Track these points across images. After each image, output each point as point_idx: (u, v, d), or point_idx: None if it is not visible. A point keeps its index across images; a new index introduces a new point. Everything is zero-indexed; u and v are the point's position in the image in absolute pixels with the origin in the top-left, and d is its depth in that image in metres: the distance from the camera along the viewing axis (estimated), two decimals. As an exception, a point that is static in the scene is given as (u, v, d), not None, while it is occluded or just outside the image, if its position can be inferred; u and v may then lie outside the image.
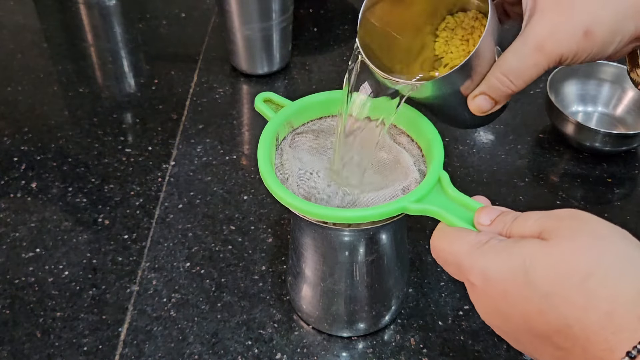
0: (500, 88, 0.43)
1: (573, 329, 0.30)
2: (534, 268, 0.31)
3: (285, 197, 0.41)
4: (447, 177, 0.41)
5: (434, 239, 0.38)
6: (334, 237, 0.47)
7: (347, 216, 0.40)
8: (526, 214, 0.35)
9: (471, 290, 0.35)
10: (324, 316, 0.52)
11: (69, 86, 0.82)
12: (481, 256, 0.34)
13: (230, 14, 0.77)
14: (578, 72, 0.75)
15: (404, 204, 0.40)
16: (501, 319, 0.34)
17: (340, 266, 0.48)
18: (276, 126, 0.46)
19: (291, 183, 0.44)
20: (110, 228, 0.63)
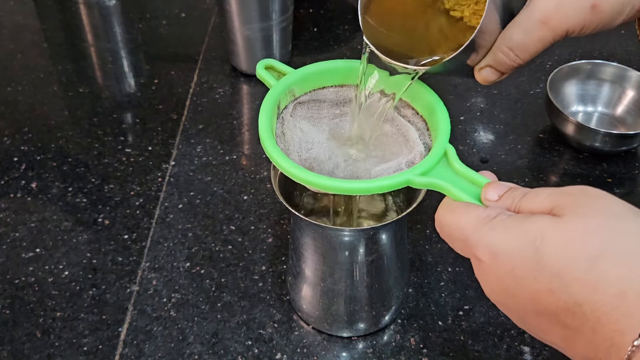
0: (506, 61, 0.42)
1: (583, 308, 0.29)
2: (545, 245, 0.30)
3: (287, 167, 0.39)
4: (453, 151, 0.40)
5: (439, 213, 0.36)
6: (334, 237, 0.47)
7: (350, 187, 0.38)
8: (536, 190, 0.34)
9: (477, 266, 0.34)
10: (324, 316, 0.52)
11: (69, 86, 0.82)
12: (489, 231, 0.33)
13: (230, 14, 0.77)
14: (578, 72, 0.75)
15: (409, 177, 0.38)
16: (507, 296, 0.33)
17: (340, 266, 0.48)
18: (278, 94, 0.44)
19: (292, 153, 0.43)
20: (110, 228, 0.63)
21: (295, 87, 0.46)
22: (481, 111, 0.78)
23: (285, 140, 0.44)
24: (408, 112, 0.46)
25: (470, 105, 0.78)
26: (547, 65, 0.84)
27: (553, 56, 0.86)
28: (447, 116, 0.42)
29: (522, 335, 0.53)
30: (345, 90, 0.47)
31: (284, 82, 0.45)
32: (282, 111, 0.45)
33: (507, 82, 0.82)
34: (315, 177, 0.38)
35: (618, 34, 0.90)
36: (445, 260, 0.60)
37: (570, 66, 0.74)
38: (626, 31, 0.91)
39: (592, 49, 0.87)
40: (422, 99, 0.45)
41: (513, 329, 0.54)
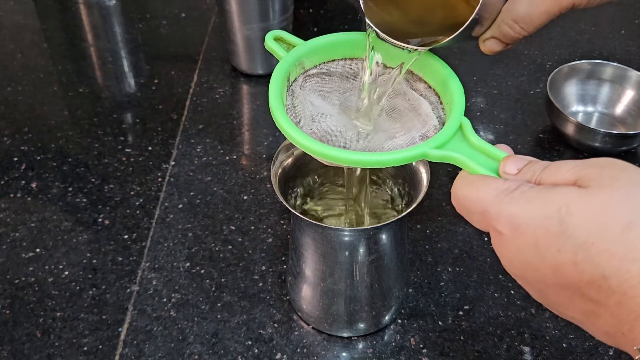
0: (511, 34, 0.42)
1: (609, 280, 0.28)
2: (570, 216, 0.29)
3: (300, 139, 0.38)
4: (469, 124, 0.39)
5: (456, 186, 0.35)
6: (334, 237, 0.47)
7: (364, 160, 0.37)
8: (558, 163, 0.33)
9: (497, 239, 0.33)
10: (324, 316, 0.52)
11: (69, 86, 0.82)
12: (510, 203, 0.32)
13: (230, 14, 0.77)
14: (578, 72, 0.75)
15: (425, 150, 0.37)
16: (528, 269, 0.32)
17: (340, 266, 0.48)
18: (288, 65, 0.43)
19: (303, 126, 0.42)
20: (110, 228, 0.63)
21: (305, 59, 0.45)
22: (481, 111, 0.78)
23: (296, 112, 0.43)
24: (420, 86, 0.45)
25: (470, 105, 0.78)
26: (547, 65, 0.84)
27: (553, 56, 0.86)
28: (462, 89, 0.41)
29: (522, 335, 0.53)
30: (355, 63, 0.46)
31: (294, 53, 0.44)
32: (292, 84, 0.44)
33: (507, 82, 0.82)
34: (329, 149, 0.38)
35: (618, 34, 0.90)
36: (445, 260, 0.60)
37: (570, 66, 0.74)
38: (626, 31, 0.91)
39: (592, 49, 0.87)
40: (435, 72, 0.43)
41: (513, 329, 0.54)
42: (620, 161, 0.31)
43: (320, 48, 0.45)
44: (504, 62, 0.85)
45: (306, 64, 0.45)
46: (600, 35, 0.90)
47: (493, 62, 0.85)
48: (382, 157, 0.37)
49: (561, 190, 0.30)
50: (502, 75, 0.83)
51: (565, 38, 0.89)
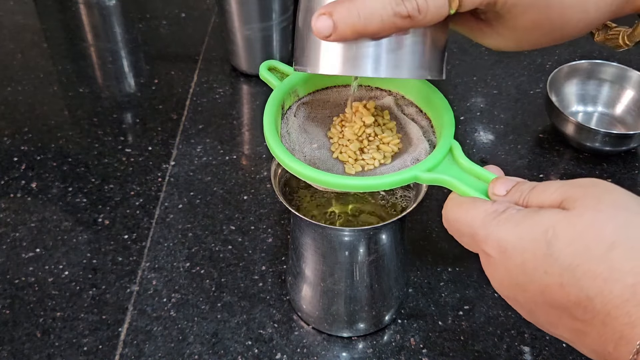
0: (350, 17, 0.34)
1: (594, 301, 0.29)
2: (556, 239, 0.30)
3: (293, 165, 0.39)
4: (459, 147, 0.40)
5: (446, 209, 0.36)
6: (334, 237, 0.47)
7: (356, 184, 0.38)
8: (545, 183, 0.33)
9: (486, 261, 0.34)
10: (324, 316, 0.52)
11: (69, 86, 0.82)
12: (498, 226, 0.32)
13: (230, 14, 0.77)
14: (578, 72, 0.75)
15: (416, 173, 0.38)
16: (517, 290, 0.32)
17: (340, 266, 0.48)
18: (282, 94, 0.45)
19: (297, 153, 0.43)
20: (110, 228, 0.63)
21: (298, 87, 0.46)
22: (481, 111, 0.78)
23: (290, 139, 0.44)
24: (412, 110, 0.46)
25: (470, 105, 0.78)
26: (547, 65, 0.84)
27: (553, 56, 0.86)
28: (452, 113, 0.42)
29: (522, 335, 0.53)
30: (348, 90, 0.47)
31: (287, 82, 0.45)
32: (286, 111, 0.46)
33: (507, 82, 0.82)
34: (321, 175, 0.38)
35: (618, 34, 0.90)
36: (445, 260, 0.60)
37: (570, 66, 0.74)
38: (626, 31, 0.91)
39: (592, 49, 0.87)
40: (426, 97, 0.45)
41: (513, 329, 0.54)
42: (604, 182, 0.32)
43: (313, 76, 0.47)
44: (504, 62, 0.85)
45: (300, 92, 0.46)
46: (600, 35, 0.90)
47: (493, 62, 0.85)
48: (373, 181, 0.38)
49: (547, 213, 0.31)
50: (502, 75, 0.83)
51: (565, 38, 0.89)
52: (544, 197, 0.32)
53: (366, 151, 0.43)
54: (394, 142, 0.43)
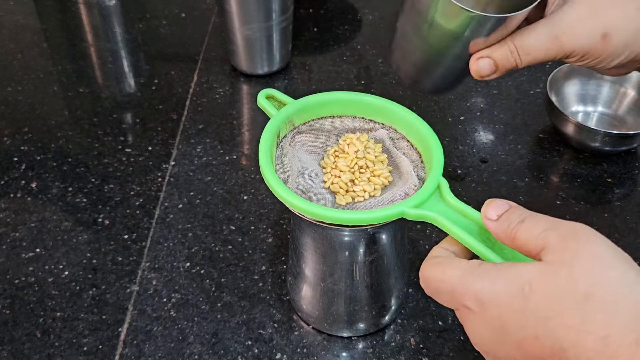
0: (508, 58, 0.44)
1: (567, 352, 0.29)
2: (532, 293, 0.31)
3: (286, 196, 0.41)
4: (446, 184, 0.41)
5: (424, 269, 0.37)
6: (334, 237, 0.47)
7: (345, 218, 0.40)
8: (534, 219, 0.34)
9: (466, 315, 0.35)
10: (324, 316, 0.52)
11: (69, 86, 0.82)
12: (475, 281, 0.33)
13: (230, 14, 0.77)
14: (578, 72, 0.75)
15: (403, 209, 0.40)
16: (495, 344, 0.34)
17: (340, 266, 0.48)
18: (278, 124, 0.46)
19: (291, 182, 0.45)
20: (110, 228, 0.63)
21: (294, 117, 0.48)
22: (481, 111, 0.78)
23: (284, 169, 0.45)
24: (403, 145, 0.47)
25: (470, 105, 0.78)
26: (547, 65, 0.84)
27: (553, 56, 0.86)
28: (441, 150, 0.43)
29: (522, 335, 0.53)
30: (343, 120, 0.49)
31: (284, 112, 0.47)
32: (282, 140, 0.47)
33: (507, 82, 0.82)
34: (312, 207, 0.40)
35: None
36: (445, 260, 0.60)
37: (570, 66, 0.74)
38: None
39: (592, 49, 0.87)
40: (417, 132, 0.46)
41: (513, 329, 0.54)
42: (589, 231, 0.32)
43: (309, 107, 0.48)
44: (504, 62, 0.85)
45: (296, 122, 0.48)
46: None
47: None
48: (362, 215, 0.40)
49: (523, 268, 0.32)
50: (502, 75, 0.83)
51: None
52: (529, 236, 0.33)
53: (357, 183, 0.44)
54: (385, 174, 0.45)
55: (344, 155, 0.46)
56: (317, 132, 0.49)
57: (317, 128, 0.49)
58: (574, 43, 0.43)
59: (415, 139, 0.47)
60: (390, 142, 0.48)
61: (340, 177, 0.45)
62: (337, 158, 0.46)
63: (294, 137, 0.48)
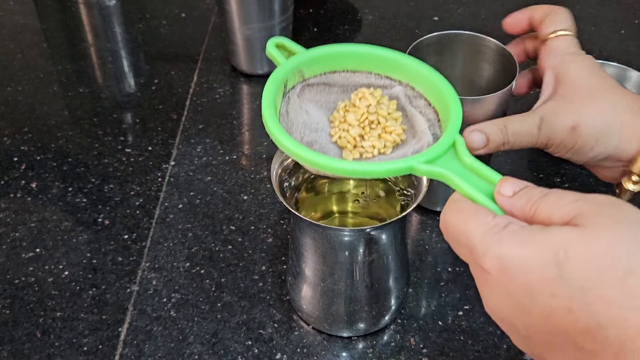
0: (499, 134, 0.47)
1: (606, 330, 0.26)
2: (568, 260, 0.27)
3: (287, 144, 0.37)
4: (463, 142, 0.37)
5: (445, 212, 0.34)
6: (334, 237, 0.47)
7: (349, 168, 0.37)
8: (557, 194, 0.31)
9: (482, 278, 0.31)
10: (324, 316, 0.52)
11: (69, 86, 0.82)
12: (500, 242, 0.30)
13: (230, 14, 0.77)
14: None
15: (413, 164, 0.36)
16: (516, 313, 0.30)
17: (340, 266, 0.48)
18: (286, 72, 0.43)
19: (295, 133, 0.41)
20: (110, 228, 0.63)
21: (304, 67, 0.44)
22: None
23: (289, 119, 0.42)
24: (420, 103, 0.44)
25: (470, 105, 0.78)
26: (547, 65, 0.84)
27: (553, 56, 0.86)
28: (460, 107, 0.40)
29: (522, 335, 0.53)
30: (357, 76, 0.45)
31: (293, 61, 0.43)
32: (289, 91, 0.44)
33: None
34: (314, 156, 0.37)
35: (618, 34, 0.90)
36: (445, 260, 0.60)
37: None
38: (626, 31, 0.91)
39: (592, 49, 0.87)
40: (435, 89, 0.43)
41: (513, 329, 0.54)
42: (621, 201, 0.30)
43: (321, 58, 0.45)
44: (504, 62, 0.85)
45: (306, 73, 0.45)
46: (600, 35, 0.90)
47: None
48: (368, 167, 0.37)
49: (558, 232, 0.29)
50: (502, 75, 0.83)
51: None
52: (554, 209, 0.30)
53: (366, 138, 0.41)
54: (397, 132, 0.41)
55: (354, 110, 0.42)
56: (328, 86, 0.45)
57: (328, 82, 0.45)
58: (549, 133, 0.47)
59: (433, 97, 0.43)
60: (406, 99, 0.44)
61: (349, 131, 0.41)
62: (347, 112, 0.42)
63: (303, 90, 0.44)
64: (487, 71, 0.59)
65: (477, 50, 0.58)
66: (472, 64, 0.59)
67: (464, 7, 0.93)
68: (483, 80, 0.60)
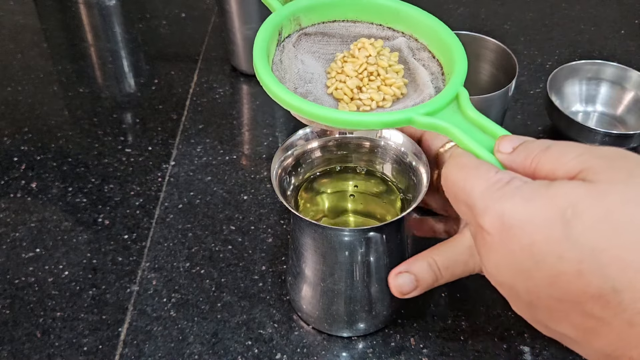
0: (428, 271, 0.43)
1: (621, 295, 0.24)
2: (577, 218, 0.25)
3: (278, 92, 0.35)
4: (466, 95, 0.35)
5: (446, 167, 0.32)
6: (334, 237, 0.47)
7: (345, 119, 0.35)
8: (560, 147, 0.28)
9: (482, 238, 0.29)
10: (324, 316, 0.52)
11: (69, 86, 0.82)
12: (501, 199, 0.28)
13: (230, 14, 0.77)
14: (578, 72, 0.75)
15: (412, 115, 0.34)
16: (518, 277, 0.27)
17: (340, 266, 0.48)
18: (281, 19, 0.40)
19: (288, 82, 0.39)
20: (110, 228, 0.63)
21: (301, 15, 0.42)
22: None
23: (282, 68, 0.40)
24: (424, 55, 0.42)
25: (470, 105, 0.78)
26: (547, 65, 0.84)
27: (553, 56, 0.86)
28: (465, 59, 0.38)
29: (522, 335, 0.53)
30: (358, 26, 0.43)
31: (289, 7, 0.41)
32: (285, 39, 0.41)
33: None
34: (306, 105, 0.35)
35: (618, 34, 0.90)
36: (445, 260, 0.60)
37: (570, 66, 0.74)
38: (626, 31, 0.91)
39: (592, 49, 0.87)
40: (440, 41, 0.41)
41: (513, 329, 0.54)
42: (629, 152, 0.27)
43: (320, 5, 0.42)
44: (504, 62, 0.85)
45: (303, 21, 0.42)
46: (600, 35, 0.90)
47: (493, 62, 0.84)
48: (364, 117, 0.35)
49: (565, 187, 0.26)
50: (502, 75, 0.83)
51: (565, 38, 0.89)
52: (558, 164, 0.28)
53: (364, 90, 0.39)
54: (398, 84, 0.39)
55: (353, 60, 0.40)
56: (326, 36, 0.43)
57: (327, 32, 0.43)
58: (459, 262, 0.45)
59: (438, 49, 0.41)
60: (408, 52, 0.42)
61: (346, 82, 0.39)
62: (345, 63, 0.40)
63: (300, 39, 0.42)
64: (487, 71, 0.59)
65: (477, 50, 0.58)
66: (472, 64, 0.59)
67: (464, 7, 0.93)
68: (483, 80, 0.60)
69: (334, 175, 0.55)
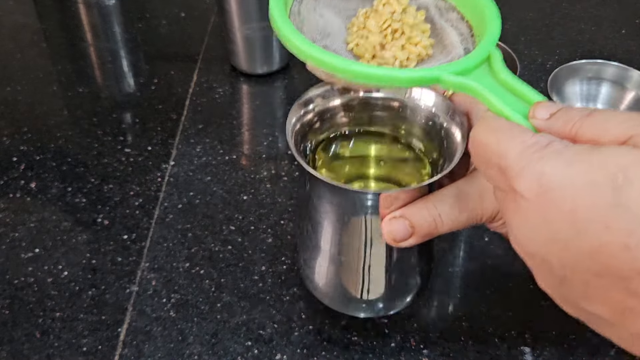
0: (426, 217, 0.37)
1: None
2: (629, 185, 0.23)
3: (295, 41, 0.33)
4: (500, 57, 0.33)
5: (476, 130, 0.29)
6: (359, 201, 0.41)
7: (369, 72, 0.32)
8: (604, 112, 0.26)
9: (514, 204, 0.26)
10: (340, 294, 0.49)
11: (68, 86, 0.82)
12: (540, 160, 0.25)
13: (230, 13, 0.77)
14: (578, 72, 0.75)
15: (440, 74, 0.32)
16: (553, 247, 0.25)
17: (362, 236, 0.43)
18: None
19: (305, 34, 0.35)
20: (109, 228, 0.63)
21: None
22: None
23: (300, 19, 0.37)
24: (452, 16, 0.39)
25: (470, 105, 0.78)
26: (547, 65, 0.84)
27: (553, 56, 0.86)
28: (499, 19, 0.36)
29: (523, 336, 0.53)
30: None
31: None
32: None
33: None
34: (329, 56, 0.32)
35: (619, 34, 0.90)
36: (445, 260, 0.59)
37: (571, 66, 0.74)
38: (627, 31, 0.91)
39: (593, 48, 0.87)
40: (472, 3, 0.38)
41: (513, 329, 0.54)
42: None
43: None
44: (504, 62, 0.85)
45: None
46: (601, 34, 0.90)
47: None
48: (389, 72, 0.33)
49: (614, 152, 0.24)
50: (503, 75, 0.83)
51: (566, 38, 0.89)
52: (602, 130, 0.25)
53: (388, 48, 0.36)
54: (424, 44, 0.36)
55: (376, 16, 0.37)
56: None
57: None
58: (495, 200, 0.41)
59: (468, 10, 0.38)
60: (436, 11, 0.39)
61: (368, 38, 0.36)
62: (368, 19, 0.37)
63: None
64: None
65: None
66: None
67: (464, 7, 0.93)
68: None
69: (355, 138, 0.49)
